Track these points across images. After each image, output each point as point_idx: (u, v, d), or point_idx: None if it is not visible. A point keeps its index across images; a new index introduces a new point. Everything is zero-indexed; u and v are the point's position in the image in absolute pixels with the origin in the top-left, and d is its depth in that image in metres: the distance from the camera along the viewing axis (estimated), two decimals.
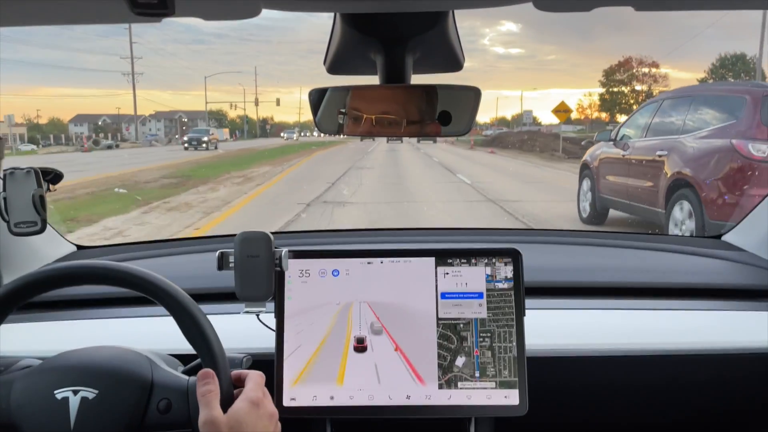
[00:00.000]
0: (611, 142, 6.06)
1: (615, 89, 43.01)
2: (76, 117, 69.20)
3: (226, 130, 51.03)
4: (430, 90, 0.80)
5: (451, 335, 0.98)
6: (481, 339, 0.98)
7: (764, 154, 4.04)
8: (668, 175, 4.77)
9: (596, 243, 1.48)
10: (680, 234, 4.47)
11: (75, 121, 67.42)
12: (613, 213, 6.17)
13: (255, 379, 0.80)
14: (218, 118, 64.35)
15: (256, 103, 55.72)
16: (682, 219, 4.53)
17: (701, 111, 4.95)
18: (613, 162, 5.90)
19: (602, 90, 44.04)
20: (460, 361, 0.97)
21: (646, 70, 41.63)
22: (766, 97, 4.25)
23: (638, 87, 42.05)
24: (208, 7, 0.65)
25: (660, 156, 4.99)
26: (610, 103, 44.27)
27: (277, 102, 70.95)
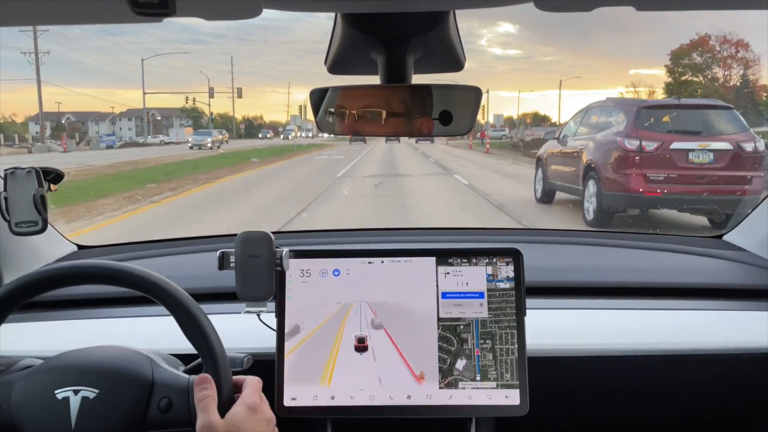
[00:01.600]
0: (555, 140, 8.06)
1: (686, 77, 32.33)
2: (37, 115, 64.62)
3: (189, 130, 42.24)
4: (427, 89, 0.81)
5: (450, 337, 0.99)
6: (482, 341, 0.98)
7: (634, 147, 6.14)
8: (584, 162, 6.78)
9: (597, 243, 1.49)
10: (588, 203, 6.51)
11: (36, 120, 62.56)
12: (559, 195, 8.04)
13: (252, 384, 0.81)
14: (194, 116, 57.63)
15: (211, 94, 45.59)
16: (592, 192, 6.52)
17: (609, 117, 6.97)
18: (555, 155, 7.87)
19: (668, 78, 33.66)
20: (460, 364, 0.98)
21: (730, 50, 31.42)
22: (639, 109, 6.44)
23: (720, 73, 32.36)
24: (208, 7, 0.66)
25: (581, 149, 7.00)
26: (682, 95, 31.53)
27: (239, 93, 52.39)
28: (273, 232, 0.96)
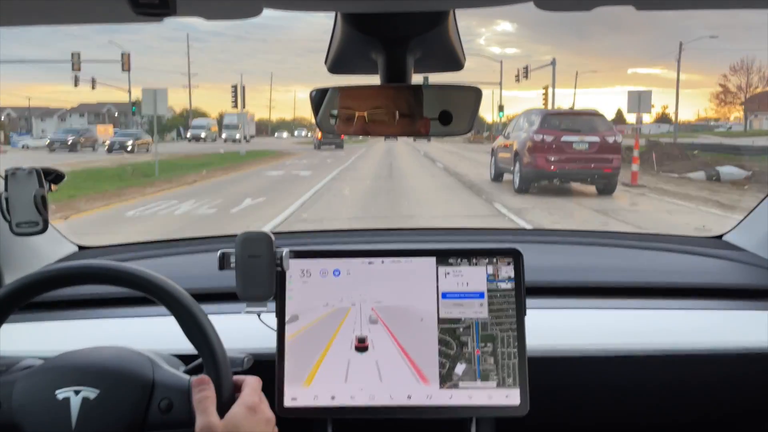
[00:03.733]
0: (502, 136, 12.00)
1: None
2: None
3: (108, 128, 32.84)
4: (428, 89, 0.82)
5: (450, 340, 0.99)
6: (483, 344, 0.98)
7: (539, 139, 9.90)
8: (513, 150, 10.43)
9: (597, 243, 1.50)
10: (511, 174, 10.48)
11: None
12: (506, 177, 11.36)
13: (251, 384, 0.81)
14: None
15: (76, 63, 25.72)
16: (516, 170, 10.19)
17: (532, 119, 10.69)
18: (502, 146, 11.48)
19: None
20: (459, 368, 0.98)
21: None
22: (546, 115, 10.79)
23: None
24: (209, 6, 0.66)
25: (513, 141, 10.67)
26: None
27: (125, 63, 26.57)
28: (273, 232, 0.97)
